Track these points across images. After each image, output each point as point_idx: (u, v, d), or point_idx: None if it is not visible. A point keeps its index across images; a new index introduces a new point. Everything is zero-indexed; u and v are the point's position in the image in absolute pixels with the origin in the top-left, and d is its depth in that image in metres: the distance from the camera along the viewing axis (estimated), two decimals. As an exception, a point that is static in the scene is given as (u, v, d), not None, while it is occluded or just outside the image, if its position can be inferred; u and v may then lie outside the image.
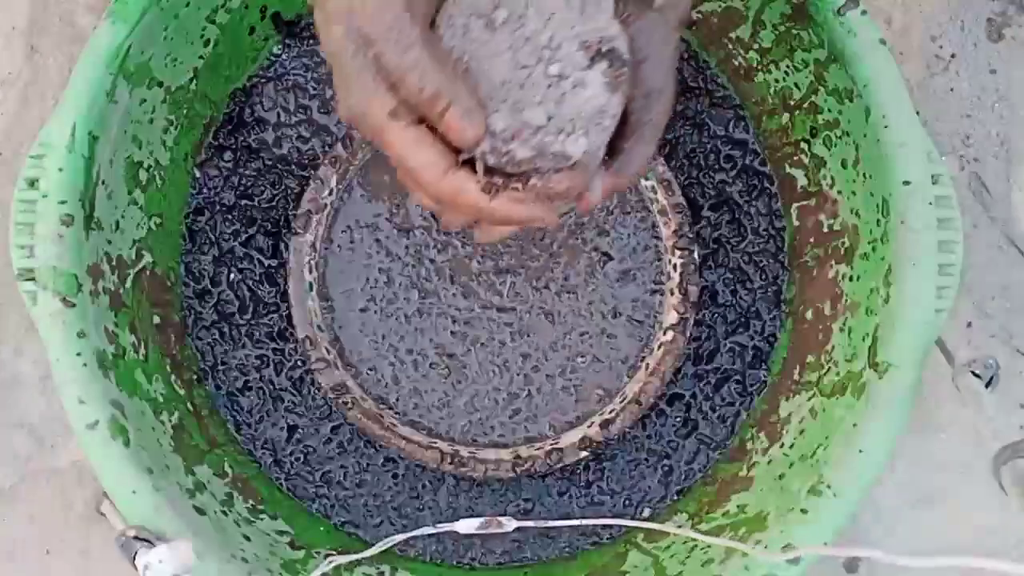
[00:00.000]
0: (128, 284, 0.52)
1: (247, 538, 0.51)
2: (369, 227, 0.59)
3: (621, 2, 0.35)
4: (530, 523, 0.44)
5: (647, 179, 0.59)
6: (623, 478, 0.59)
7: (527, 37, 0.31)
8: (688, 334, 0.58)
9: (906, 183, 0.45)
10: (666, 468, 0.59)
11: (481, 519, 0.44)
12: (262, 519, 0.54)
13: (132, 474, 0.45)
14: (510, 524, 0.44)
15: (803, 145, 0.56)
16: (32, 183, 0.46)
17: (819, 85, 0.52)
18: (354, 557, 0.48)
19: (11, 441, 0.63)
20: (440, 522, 0.58)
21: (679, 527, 0.55)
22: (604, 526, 0.58)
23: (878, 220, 0.48)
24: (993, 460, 0.60)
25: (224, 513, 0.51)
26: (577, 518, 0.58)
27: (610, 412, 0.58)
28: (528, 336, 0.59)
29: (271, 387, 0.59)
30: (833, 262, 0.54)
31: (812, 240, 0.56)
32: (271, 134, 0.59)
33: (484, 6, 0.32)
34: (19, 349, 0.63)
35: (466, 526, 0.44)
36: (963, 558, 0.33)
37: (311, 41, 0.60)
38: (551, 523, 0.46)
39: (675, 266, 0.59)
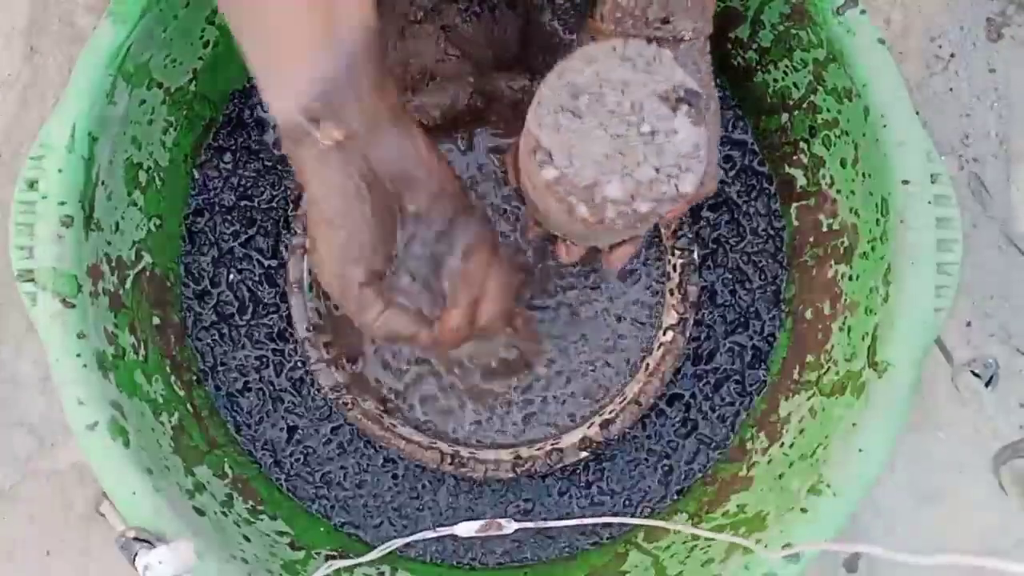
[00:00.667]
0: (128, 285, 0.52)
1: (247, 538, 0.51)
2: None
3: (654, 40, 0.39)
4: (529, 524, 0.44)
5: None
6: (623, 478, 0.59)
7: (611, 111, 0.36)
8: (688, 334, 0.58)
9: (905, 182, 0.45)
10: (666, 468, 0.59)
11: (480, 522, 0.44)
12: (262, 519, 0.54)
13: (132, 475, 0.45)
14: (510, 526, 0.43)
15: (802, 145, 0.56)
16: (32, 184, 0.46)
17: (818, 85, 0.52)
18: (354, 562, 0.48)
19: (11, 441, 0.63)
20: (440, 523, 0.58)
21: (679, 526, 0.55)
22: (604, 526, 0.58)
23: (877, 219, 0.48)
24: (993, 460, 0.60)
25: (224, 514, 0.51)
26: (577, 517, 0.58)
27: (610, 412, 0.58)
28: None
29: (271, 388, 0.59)
30: (832, 261, 0.54)
31: (811, 240, 0.56)
32: (271, 135, 0.59)
33: (565, 101, 0.36)
34: (19, 349, 0.63)
35: (465, 529, 0.44)
36: (963, 556, 0.33)
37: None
38: (550, 523, 0.46)
39: (675, 266, 0.59)
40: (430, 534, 0.44)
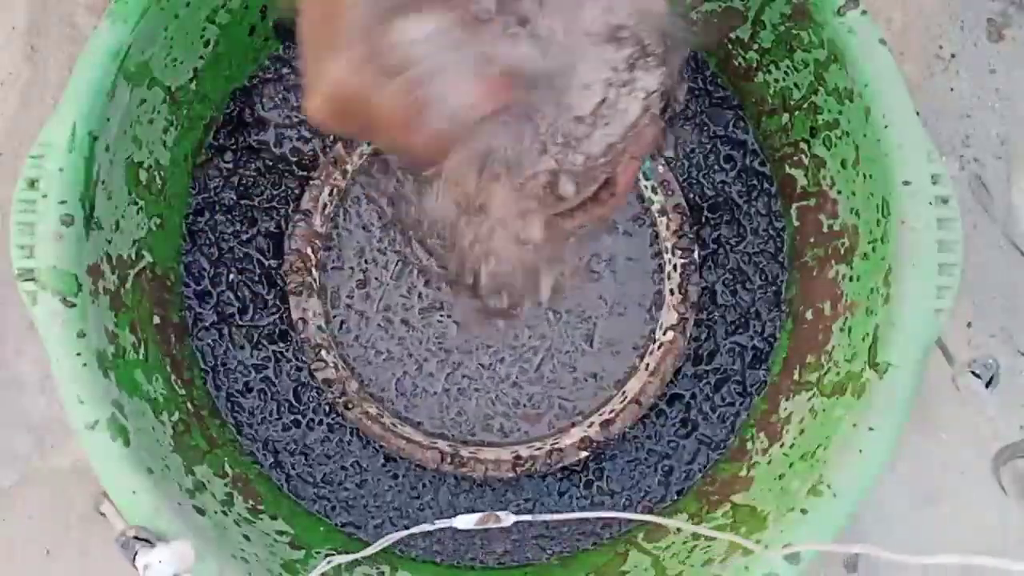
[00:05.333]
0: (128, 284, 0.52)
1: (247, 538, 0.51)
2: (369, 228, 0.59)
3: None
4: (527, 517, 0.44)
5: (647, 179, 0.59)
6: (623, 478, 0.59)
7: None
8: (688, 334, 0.58)
9: (906, 183, 0.45)
10: (666, 468, 0.59)
11: (479, 514, 0.44)
12: (262, 519, 0.54)
13: (132, 474, 0.45)
14: (508, 519, 0.44)
15: (803, 145, 0.56)
16: (32, 183, 0.46)
17: (819, 85, 0.52)
18: (354, 556, 0.48)
19: (11, 441, 0.63)
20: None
21: (679, 526, 0.55)
22: (604, 526, 0.58)
23: (878, 220, 0.48)
24: (993, 460, 0.60)
25: (224, 513, 0.51)
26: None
27: (610, 412, 0.58)
28: (528, 336, 0.59)
29: (271, 388, 0.59)
30: (833, 262, 0.54)
31: (812, 240, 0.56)
32: (271, 134, 0.59)
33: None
34: (19, 349, 0.63)
35: (464, 521, 0.44)
36: (962, 556, 0.33)
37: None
38: (548, 516, 0.46)
39: (675, 266, 0.59)
40: (428, 527, 0.44)
